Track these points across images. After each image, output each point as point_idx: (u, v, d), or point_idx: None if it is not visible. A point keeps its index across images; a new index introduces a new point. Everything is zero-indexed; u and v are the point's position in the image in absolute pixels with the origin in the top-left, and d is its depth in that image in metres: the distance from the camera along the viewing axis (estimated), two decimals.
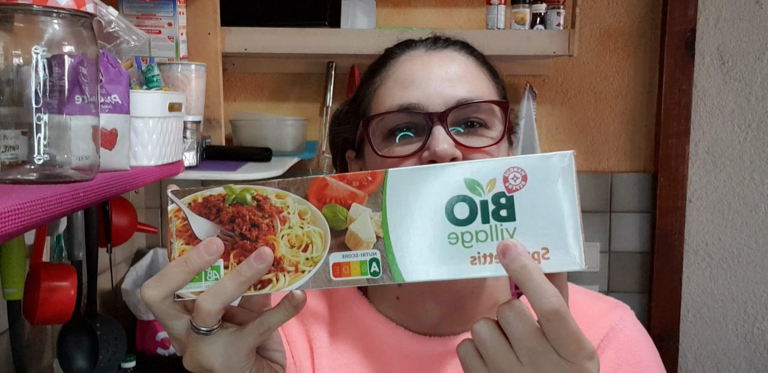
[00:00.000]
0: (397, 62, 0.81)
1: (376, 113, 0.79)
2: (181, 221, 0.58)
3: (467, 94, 0.76)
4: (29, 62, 0.67)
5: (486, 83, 0.80)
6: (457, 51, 0.81)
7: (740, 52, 1.98)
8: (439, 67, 0.78)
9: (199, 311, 0.57)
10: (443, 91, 0.76)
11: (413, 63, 0.79)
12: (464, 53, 0.81)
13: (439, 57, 0.80)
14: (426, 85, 0.76)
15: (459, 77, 0.77)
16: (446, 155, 0.72)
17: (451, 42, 0.83)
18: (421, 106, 0.75)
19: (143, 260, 1.82)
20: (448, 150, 0.72)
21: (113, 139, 0.87)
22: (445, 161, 0.72)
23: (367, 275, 0.55)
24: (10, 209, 0.55)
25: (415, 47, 0.82)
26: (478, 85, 0.78)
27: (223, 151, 1.52)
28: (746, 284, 2.03)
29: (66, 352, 1.32)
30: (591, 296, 0.87)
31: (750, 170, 2.01)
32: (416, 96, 0.76)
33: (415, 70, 0.78)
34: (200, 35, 1.56)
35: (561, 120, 2.00)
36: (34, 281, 1.17)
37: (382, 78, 0.81)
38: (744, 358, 2.05)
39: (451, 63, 0.79)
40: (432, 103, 0.75)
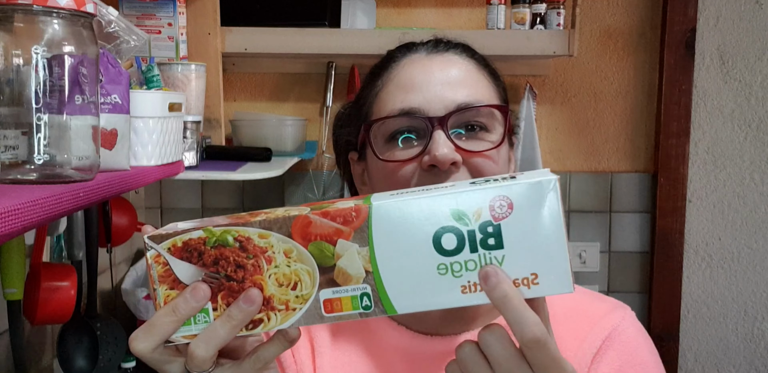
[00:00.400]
0: (398, 66, 0.81)
1: (377, 117, 0.79)
2: (162, 266, 0.57)
3: (467, 98, 0.76)
4: (29, 62, 0.67)
5: (486, 86, 0.81)
6: (458, 54, 0.81)
7: (740, 52, 1.98)
8: (439, 70, 0.78)
9: (192, 358, 0.56)
10: (444, 95, 0.76)
11: (414, 67, 0.80)
12: (465, 56, 0.82)
13: (439, 61, 0.80)
14: (426, 89, 0.77)
15: (459, 81, 0.78)
16: (446, 160, 0.73)
17: (452, 45, 0.83)
18: (422, 110, 0.76)
19: (143, 260, 1.82)
20: (448, 155, 0.73)
21: (113, 139, 0.87)
22: (446, 166, 0.73)
23: (359, 310, 0.55)
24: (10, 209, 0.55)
25: (416, 50, 0.82)
26: (478, 88, 0.79)
27: (223, 151, 1.52)
28: (746, 284, 2.03)
29: (66, 352, 1.32)
30: (592, 296, 0.88)
31: (750, 170, 2.01)
32: (417, 100, 0.76)
33: (415, 74, 0.79)
34: (200, 35, 1.56)
35: (561, 120, 2.00)
36: (34, 281, 1.17)
37: (383, 81, 0.81)
38: (744, 358, 2.05)
39: (451, 67, 0.79)
40: (432, 108, 0.76)
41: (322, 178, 1.99)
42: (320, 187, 2.00)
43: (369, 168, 0.82)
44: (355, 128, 0.84)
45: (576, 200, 2.01)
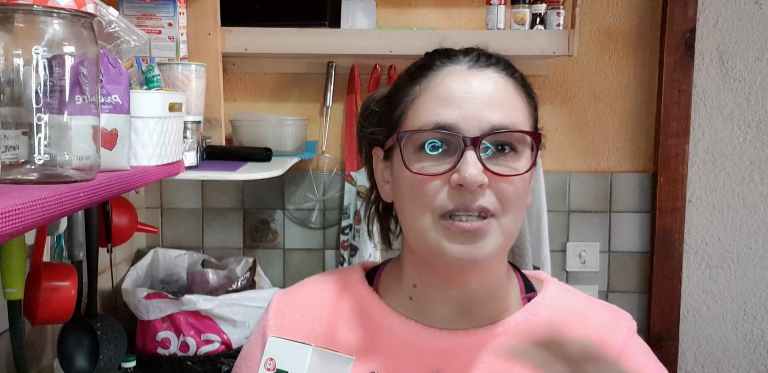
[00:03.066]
0: (437, 76, 0.81)
1: (411, 127, 0.80)
2: None
3: (503, 120, 0.78)
4: (30, 62, 0.67)
5: (522, 108, 0.82)
6: (498, 72, 0.82)
7: (740, 53, 1.98)
8: (479, 88, 0.79)
9: None
10: (480, 114, 0.77)
11: (454, 80, 0.80)
12: (505, 75, 0.82)
13: (480, 77, 0.81)
14: (464, 105, 0.78)
15: (497, 101, 0.79)
16: (475, 183, 0.75)
17: (494, 61, 0.83)
18: (457, 127, 0.77)
19: (143, 260, 1.82)
20: (477, 177, 0.75)
21: (113, 140, 0.87)
22: (473, 188, 0.75)
23: None
24: (10, 209, 0.55)
25: (458, 62, 0.83)
26: (514, 110, 0.80)
27: (223, 151, 1.52)
28: (746, 284, 2.03)
29: (66, 352, 1.32)
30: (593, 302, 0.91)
31: (750, 170, 2.01)
32: (453, 116, 0.77)
33: (455, 88, 0.79)
34: (200, 35, 1.56)
35: (561, 120, 2.00)
36: (34, 280, 1.18)
37: (421, 89, 0.82)
38: (744, 358, 2.05)
39: (491, 85, 0.80)
40: (468, 126, 0.77)
41: (322, 178, 2.00)
42: (320, 187, 2.00)
43: (394, 172, 0.84)
44: (386, 129, 0.85)
45: (576, 200, 2.01)
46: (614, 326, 0.87)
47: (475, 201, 0.77)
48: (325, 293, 0.91)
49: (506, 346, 0.83)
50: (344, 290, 0.91)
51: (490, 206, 0.77)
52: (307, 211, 2.01)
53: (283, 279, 2.02)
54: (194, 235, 2.02)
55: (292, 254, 2.03)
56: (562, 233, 2.02)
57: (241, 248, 2.02)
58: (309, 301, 0.91)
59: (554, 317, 0.86)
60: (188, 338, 1.61)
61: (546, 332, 0.85)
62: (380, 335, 0.85)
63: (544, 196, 1.86)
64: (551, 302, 0.87)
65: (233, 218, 2.02)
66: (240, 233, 2.02)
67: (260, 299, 1.67)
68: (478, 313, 0.85)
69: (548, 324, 0.85)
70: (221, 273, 1.82)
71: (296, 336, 0.87)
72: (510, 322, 0.85)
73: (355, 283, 0.91)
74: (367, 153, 0.91)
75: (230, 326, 1.63)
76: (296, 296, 0.93)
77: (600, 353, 0.83)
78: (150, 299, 1.62)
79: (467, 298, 0.84)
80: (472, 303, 0.85)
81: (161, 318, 1.62)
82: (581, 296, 0.91)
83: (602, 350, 0.84)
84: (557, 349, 0.83)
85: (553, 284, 0.90)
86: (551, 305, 0.87)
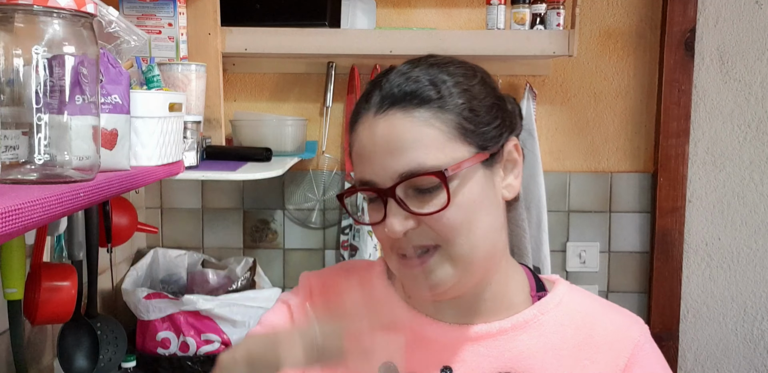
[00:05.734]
0: (357, 129, 0.83)
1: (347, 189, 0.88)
2: None
3: (408, 165, 0.78)
4: (30, 62, 0.67)
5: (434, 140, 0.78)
6: (402, 109, 0.79)
7: (740, 52, 1.98)
8: (381, 137, 0.80)
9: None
10: (386, 166, 0.79)
11: (363, 135, 0.82)
12: (410, 109, 0.79)
13: (382, 124, 0.80)
14: (373, 159, 0.80)
15: (399, 147, 0.78)
16: (397, 234, 0.78)
17: (398, 98, 0.80)
18: (373, 181, 0.80)
19: (143, 260, 1.82)
20: (397, 228, 0.78)
21: (113, 140, 0.87)
22: (398, 237, 0.79)
23: None
24: (10, 209, 0.55)
25: (369, 109, 0.82)
26: (421, 149, 0.78)
27: (223, 151, 1.52)
28: (746, 284, 2.03)
29: (66, 352, 1.32)
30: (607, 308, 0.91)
31: (750, 170, 2.01)
32: (368, 173, 0.81)
33: (364, 143, 0.81)
34: (200, 35, 1.56)
35: (561, 120, 2.00)
36: (34, 280, 1.18)
37: (352, 141, 0.85)
38: (744, 358, 2.05)
39: (391, 130, 0.79)
40: (380, 179, 0.79)
41: (322, 178, 2.00)
42: (320, 187, 2.00)
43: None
44: None
45: (576, 199, 2.01)
46: (626, 330, 0.87)
47: (411, 243, 0.80)
48: (347, 280, 0.95)
49: (514, 341, 0.85)
50: (365, 281, 0.94)
51: (429, 242, 0.80)
52: (307, 211, 2.01)
53: (283, 279, 2.02)
54: (194, 235, 2.02)
55: (292, 254, 2.03)
56: (562, 233, 2.02)
57: (241, 248, 2.02)
58: (334, 285, 0.95)
59: (563, 317, 0.87)
60: (188, 338, 1.61)
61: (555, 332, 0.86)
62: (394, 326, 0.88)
63: (544, 196, 1.86)
64: (561, 301, 0.88)
65: (233, 218, 2.02)
66: (240, 233, 2.02)
67: (260, 299, 1.66)
68: (483, 310, 0.87)
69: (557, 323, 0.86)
70: (221, 273, 1.82)
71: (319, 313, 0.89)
72: (519, 318, 0.86)
73: (376, 276, 0.94)
74: None
75: (230, 326, 1.63)
76: (325, 278, 0.96)
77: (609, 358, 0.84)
78: (150, 299, 1.62)
79: (466, 301, 0.86)
80: (474, 303, 0.87)
81: (161, 318, 1.62)
82: (593, 298, 0.92)
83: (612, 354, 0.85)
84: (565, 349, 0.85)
85: (563, 285, 0.91)
86: (561, 304, 0.88)
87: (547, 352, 0.84)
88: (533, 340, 0.85)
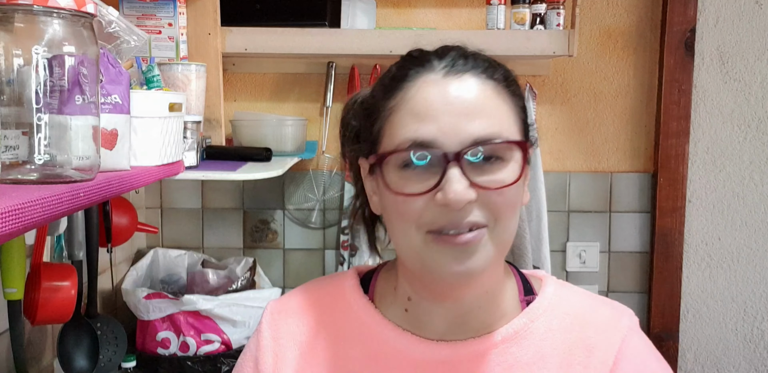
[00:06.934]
0: (412, 87, 0.76)
1: (389, 148, 0.76)
2: None
3: (484, 131, 0.73)
4: (30, 62, 0.67)
5: (506, 113, 0.76)
6: (476, 76, 0.76)
7: (740, 52, 1.98)
8: (456, 97, 0.74)
9: None
10: (459, 127, 0.73)
11: (429, 91, 0.75)
12: (484, 78, 0.77)
13: (456, 86, 0.75)
14: (442, 119, 0.73)
15: (477, 111, 0.74)
16: (460, 202, 0.71)
17: (471, 64, 0.77)
18: (436, 143, 0.72)
19: (143, 260, 1.82)
20: (461, 196, 0.71)
21: (113, 140, 0.87)
22: (459, 206, 0.71)
23: None
24: (10, 209, 0.55)
25: (432, 69, 0.77)
26: (497, 117, 0.75)
27: (223, 151, 1.52)
28: (746, 284, 2.03)
29: (66, 352, 1.32)
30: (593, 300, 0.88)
31: (750, 170, 2.01)
32: (431, 132, 0.73)
33: (430, 101, 0.74)
34: (200, 35, 1.56)
35: (561, 120, 2.00)
36: (34, 281, 1.18)
37: (396, 103, 0.77)
38: (744, 358, 2.05)
39: (469, 93, 0.75)
40: (448, 141, 0.72)
41: (322, 178, 1.99)
42: (320, 187, 2.00)
43: (380, 188, 0.80)
44: (367, 144, 0.81)
45: (576, 200, 2.01)
46: (614, 324, 0.84)
47: (465, 218, 0.73)
48: (319, 302, 0.89)
49: (504, 355, 0.81)
50: (339, 299, 0.88)
51: (481, 220, 0.74)
52: (307, 211, 2.01)
53: (283, 279, 2.02)
54: (194, 235, 2.02)
55: (292, 254, 2.03)
56: (562, 233, 2.02)
57: (241, 248, 2.02)
58: (303, 310, 0.88)
59: (552, 321, 0.83)
60: (188, 338, 1.61)
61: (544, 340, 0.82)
62: (377, 347, 0.83)
63: (544, 196, 1.86)
64: (550, 305, 0.84)
65: (233, 218, 2.02)
66: (240, 233, 2.02)
67: (260, 299, 1.67)
68: (474, 322, 0.82)
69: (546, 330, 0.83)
70: (221, 273, 1.82)
71: (291, 346, 0.86)
72: (508, 330, 0.82)
73: (350, 291, 0.88)
74: (351, 162, 0.88)
75: (230, 326, 1.63)
76: (290, 305, 0.90)
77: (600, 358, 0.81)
78: (150, 299, 1.62)
79: (463, 308, 0.82)
80: (468, 313, 0.82)
81: (161, 318, 1.62)
82: (581, 295, 0.88)
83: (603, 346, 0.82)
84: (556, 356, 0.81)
85: (551, 284, 0.87)
86: (550, 308, 0.84)
87: (537, 362, 0.81)
88: (523, 351, 0.81)
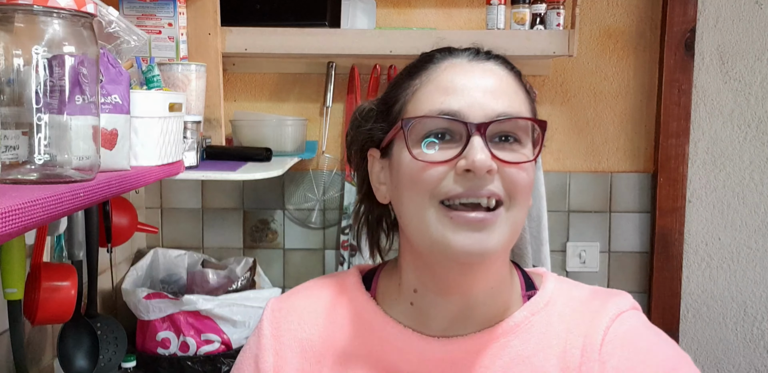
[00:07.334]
0: (438, 68, 0.81)
1: (414, 115, 0.79)
2: None
3: (507, 108, 0.77)
4: (30, 62, 0.67)
5: (523, 100, 0.82)
6: (498, 65, 0.82)
7: (740, 52, 1.98)
8: (481, 78, 0.79)
9: None
10: (484, 102, 0.77)
11: (455, 71, 0.80)
12: (504, 68, 0.83)
13: (481, 69, 0.81)
14: (468, 94, 0.78)
15: (500, 91, 0.79)
16: (484, 166, 0.73)
17: (492, 56, 0.84)
18: (462, 114, 0.76)
19: (143, 260, 1.82)
20: (486, 161, 0.73)
21: (113, 140, 0.87)
22: (482, 172, 0.74)
23: None
24: (10, 209, 0.55)
25: (458, 56, 0.83)
26: (516, 100, 0.80)
27: (223, 151, 1.52)
28: (746, 284, 2.03)
29: (66, 352, 1.32)
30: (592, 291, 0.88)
31: (750, 170, 2.01)
32: (458, 103, 0.77)
33: (458, 78, 0.79)
34: (200, 35, 1.56)
35: (561, 120, 2.00)
36: (34, 280, 1.18)
37: (422, 81, 0.81)
38: (744, 358, 2.05)
39: (492, 75, 0.80)
40: (473, 113, 0.76)
41: (322, 178, 1.99)
42: (320, 187, 2.00)
43: (394, 166, 0.81)
44: (384, 124, 0.84)
45: (576, 200, 2.01)
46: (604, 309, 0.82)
47: (484, 186, 0.75)
48: (320, 300, 0.89)
49: (506, 348, 0.81)
50: (341, 297, 0.88)
51: (499, 192, 0.76)
52: (307, 211, 2.01)
53: (283, 279, 2.02)
54: (194, 235, 2.02)
55: (292, 254, 2.03)
56: (562, 233, 2.02)
57: (241, 248, 2.02)
58: (304, 308, 0.88)
59: (552, 315, 0.84)
60: (188, 338, 1.61)
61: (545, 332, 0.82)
62: (379, 345, 0.83)
63: (544, 196, 1.86)
64: (550, 298, 0.85)
65: (233, 218, 2.02)
66: (240, 233, 2.02)
67: (260, 299, 1.67)
68: (478, 316, 0.83)
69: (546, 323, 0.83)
70: (221, 273, 1.82)
71: (292, 345, 0.86)
72: (509, 323, 0.82)
73: (352, 289, 0.88)
74: (361, 157, 0.88)
75: (230, 326, 1.63)
76: (291, 303, 0.90)
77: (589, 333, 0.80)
78: (150, 299, 1.62)
79: (469, 302, 0.82)
80: (474, 307, 0.82)
81: (161, 318, 1.62)
82: (580, 287, 0.88)
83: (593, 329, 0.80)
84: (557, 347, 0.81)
85: (551, 279, 0.88)
86: (550, 301, 0.85)
87: (537, 354, 0.81)
88: (524, 344, 0.81)
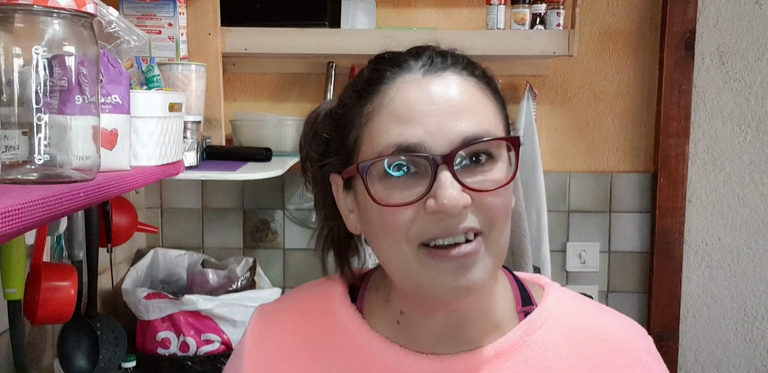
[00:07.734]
0: (391, 90, 0.71)
1: (369, 156, 0.70)
2: None
3: (473, 127, 0.69)
4: (30, 62, 0.67)
5: (491, 110, 0.73)
6: (457, 73, 0.72)
7: (740, 52, 1.98)
8: (440, 96, 0.70)
9: None
10: (446, 127, 0.68)
11: (409, 92, 0.70)
12: (465, 75, 0.73)
13: (438, 83, 0.71)
14: (426, 120, 0.68)
15: (463, 109, 0.69)
16: (456, 206, 0.66)
17: (450, 61, 0.73)
18: (423, 145, 0.68)
19: (143, 260, 1.82)
20: (457, 199, 0.66)
21: (113, 140, 0.87)
22: (455, 211, 0.66)
23: None
24: (10, 209, 0.55)
25: (410, 69, 0.73)
26: (483, 115, 0.71)
27: (223, 151, 1.52)
28: (746, 284, 2.03)
29: (66, 352, 1.32)
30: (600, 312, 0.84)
31: (750, 170, 2.01)
32: (416, 134, 0.68)
33: (413, 103, 0.69)
34: (200, 35, 1.56)
35: (561, 120, 2.00)
36: (34, 280, 1.18)
37: (374, 108, 0.71)
38: (744, 358, 2.05)
39: (452, 90, 0.70)
40: (435, 142, 0.68)
41: None
42: None
43: (360, 203, 0.75)
44: (341, 157, 0.76)
45: (576, 200, 2.01)
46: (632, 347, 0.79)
47: (460, 223, 0.68)
48: (306, 311, 0.85)
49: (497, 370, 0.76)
50: (326, 308, 0.84)
51: (476, 225, 0.69)
52: (307, 211, 2.01)
53: (283, 279, 2.02)
54: (194, 235, 2.02)
55: (292, 254, 2.03)
56: (562, 233, 2.02)
57: (241, 248, 2.02)
58: (289, 319, 0.85)
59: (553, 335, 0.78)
60: (188, 338, 1.61)
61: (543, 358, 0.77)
62: (364, 359, 0.79)
63: (544, 196, 1.86)
64: (550, 317, 0.79)
65: (233, 218, 2.02)
66: (240, 233, 2.02)
67: (260, 299, 1.66)
68: (466, 334, 0.78)
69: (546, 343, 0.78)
70: (221, 273, 1.82)
71: (277, 355, 0.83)
72: (502, 344, 0.77)
73: (337, 300, 0.84)
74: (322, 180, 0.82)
75: (230, 326, 1.63)
76: (275, 315, 0.86)
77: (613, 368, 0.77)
78: (150, 299, 1.62)
79: (456, 319, 0.77)
80: (460, 324, 0.77)
81: (161, 318, 1.62)
82: (587, 305, 0.83)
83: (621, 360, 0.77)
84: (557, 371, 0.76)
85: (552, 294, 0.82)
86: (550, 320, 0.79)
87: None
88: (519, 367, 0.76)
